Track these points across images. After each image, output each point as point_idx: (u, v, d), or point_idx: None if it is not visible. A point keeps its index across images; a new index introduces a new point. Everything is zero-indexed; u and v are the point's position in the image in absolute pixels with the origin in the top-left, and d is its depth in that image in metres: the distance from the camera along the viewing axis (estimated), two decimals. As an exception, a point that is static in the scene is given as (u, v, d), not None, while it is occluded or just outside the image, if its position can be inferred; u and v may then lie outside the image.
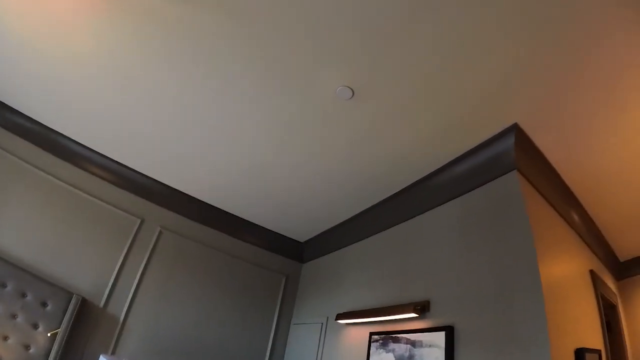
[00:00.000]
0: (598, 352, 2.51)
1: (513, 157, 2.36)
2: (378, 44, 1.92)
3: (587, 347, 2.32)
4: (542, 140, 2.52)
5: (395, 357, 2.47)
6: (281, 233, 4.02)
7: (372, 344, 2.69)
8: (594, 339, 2.70)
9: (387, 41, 1.91)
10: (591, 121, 2.43)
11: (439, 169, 2.71)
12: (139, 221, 3.99)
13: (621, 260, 4.81)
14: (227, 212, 3.86)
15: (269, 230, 3.96)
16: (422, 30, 1.86)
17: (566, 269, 2.57)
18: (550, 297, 2.04)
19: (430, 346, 2.31)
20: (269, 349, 3.60)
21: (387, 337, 2.60)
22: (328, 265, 3.69)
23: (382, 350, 2.59)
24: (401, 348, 2.46)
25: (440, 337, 2.26)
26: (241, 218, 3.91)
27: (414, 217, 2.90)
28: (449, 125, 2.37)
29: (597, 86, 2.16)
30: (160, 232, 3.97)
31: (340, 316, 3.03)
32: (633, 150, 2.83)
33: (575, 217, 3.46)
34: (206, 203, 3.94)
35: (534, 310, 1.91)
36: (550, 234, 2.47)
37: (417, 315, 2.47)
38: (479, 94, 2.17)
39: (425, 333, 2.37)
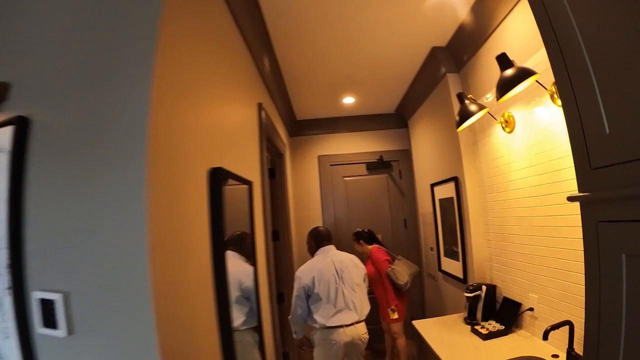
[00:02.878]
0: (249, 182, 2.02)
1: None
2: None
3: (227, 168, 1.71)
4: None
5: None
6: None
7: None
8: (248, 171, 2.21)
9: None
10: None
11: None
12: None
13: (298, 118, 4.78)
14: None
15: None
16: None
17: (221, 92, 1.88)
18: (166, 100, 1.21)
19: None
20: None
21: None
22: None
23: None
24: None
25: (5, 135, 1.20)
26: None
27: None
28: None
29: None
30: None
31: None
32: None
33: (266, 62, 2.94)
34: None
35: (136, 112, 1.07)
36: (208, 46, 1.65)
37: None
38: None
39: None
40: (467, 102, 2.45)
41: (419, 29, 2.80)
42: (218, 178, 1.49)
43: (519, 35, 2.19)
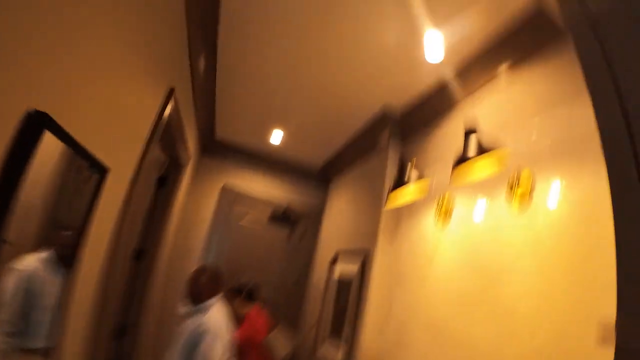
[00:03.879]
0: (104, 169, 1.37)
1: None
2: None
3: (69, 131, 1.06)
4: None
5: None
6: None
7: None
8: (114, 155, 1.59)
9: None
10: None
11: None
12: None
13: (217, 137, 4.19)
14: None
15: None
16: None
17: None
18: None
19: None
20: None
21: None
22: None
23: None
24: None
25: None
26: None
27: None
28: None
29: None
30: None
31: None
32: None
33: (202, 61, 2.56)
34: None
35: None
36: None
37: None
38: None
39: None
40: (408, 166, 2.10)
41: (373, 84, 2.57)
42: (37, 128, 0.89)
43: (489, 115, 1.91)
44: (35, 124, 0.89)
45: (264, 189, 4.31)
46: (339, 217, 3.66)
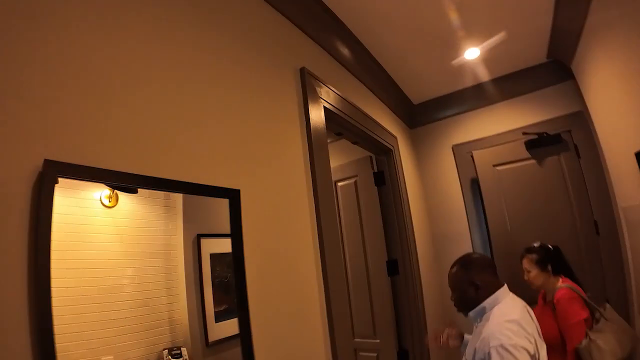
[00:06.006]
0: (227, 192, 1.11)
1: None
2: None
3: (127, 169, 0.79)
4: None
5: None
6: None
7: None
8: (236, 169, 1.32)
9: None
10: None
11: None
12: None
13: (414, 102, 3.65)
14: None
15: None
16: None
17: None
18: None
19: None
20: None
21: None
22: None
23: None
24: None
25: None
26: None
27: None
28: None
29: None
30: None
31: None
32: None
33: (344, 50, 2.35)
34: None
35: None
36: None
37: None
38: None
39: None
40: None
41: None
42: (48, 186, 0.65)
43: None
44: (49, 180, 0.63)
45: (498, 123, 3.40)
46: (613, 100, 2.42)
